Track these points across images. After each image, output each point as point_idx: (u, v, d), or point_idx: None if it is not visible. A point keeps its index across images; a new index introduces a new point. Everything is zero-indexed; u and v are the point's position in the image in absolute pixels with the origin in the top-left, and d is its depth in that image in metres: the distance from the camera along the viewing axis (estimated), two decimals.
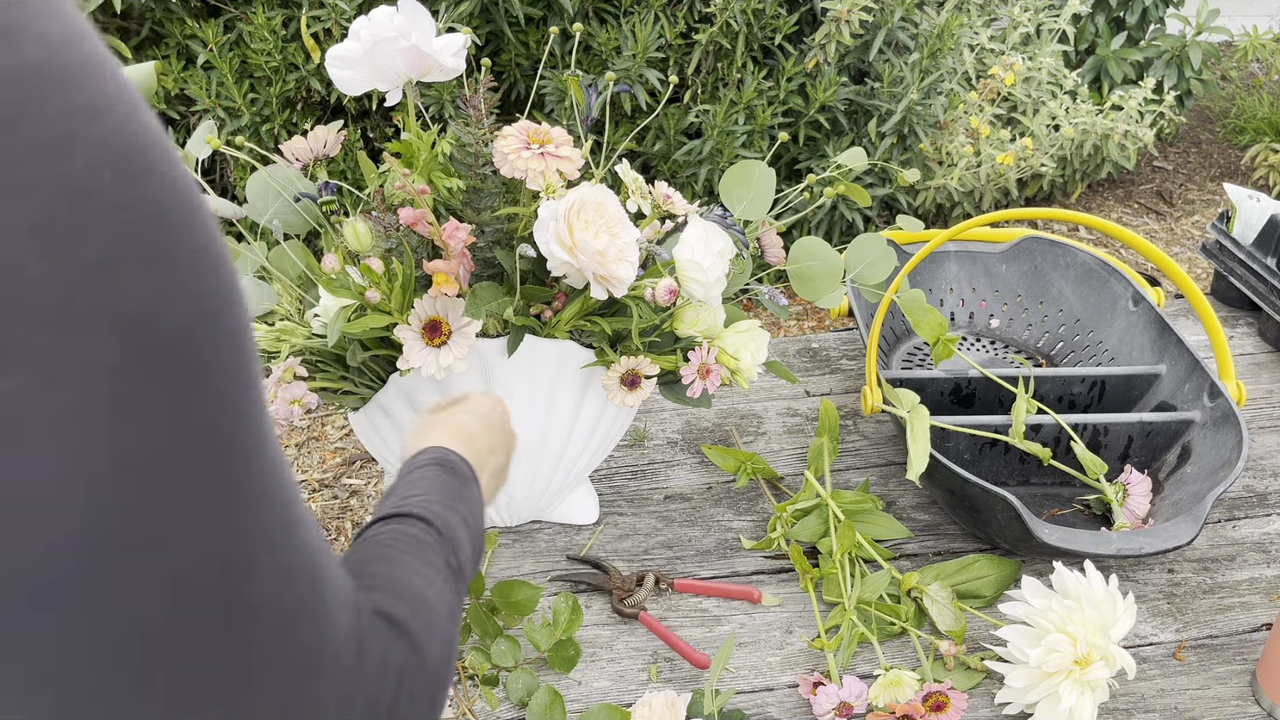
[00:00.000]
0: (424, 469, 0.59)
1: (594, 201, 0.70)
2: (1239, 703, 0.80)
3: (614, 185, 0.82)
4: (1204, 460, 0.92)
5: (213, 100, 1.72)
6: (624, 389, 0.78)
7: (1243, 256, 1.27)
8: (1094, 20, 2.73)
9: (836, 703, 0.77)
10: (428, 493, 0.56)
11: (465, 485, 0.60)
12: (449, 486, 0.58)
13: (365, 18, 0.70)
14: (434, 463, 0.60)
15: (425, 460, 0.60)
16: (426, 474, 0.58)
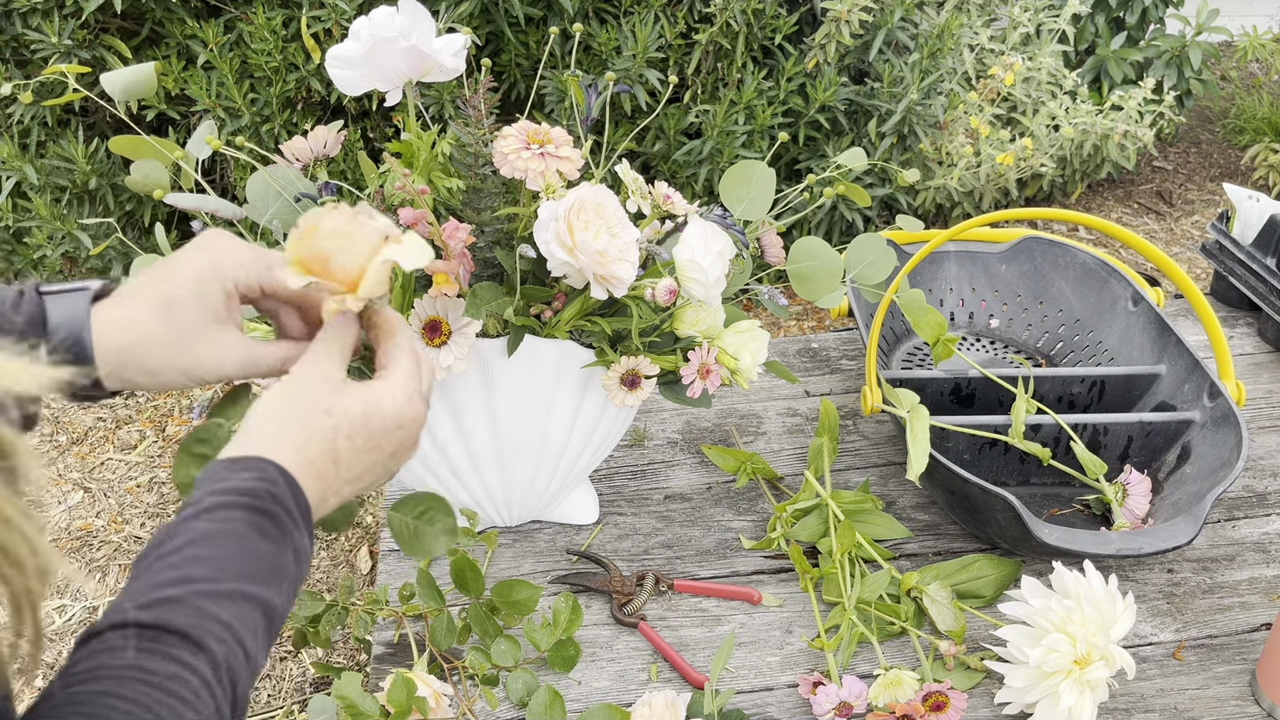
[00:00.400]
0: (225, 511, 0.44)
1: (594, 202, 0.70)
2: (1238, 703, 0.80)
3: (614, 185, 0.82)
4: (1203, 460, 0.92)
5: (213, 100, 1.72)
6: (624, 389, 0.78)
7: (1242, 256, 1.27)
8: (1094, 20, 2.73)
9: (836, 702, 0.77)
10: (214, 575, 0.42)
11: (280, 548, 0.45)
12: (252, 556, 0.43)
13: (365, 18, 0.70)
14: (243, 504, 0.45)
15: (231, 491, 0.45)
16: (223, 527, 0.43)
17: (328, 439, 0.50)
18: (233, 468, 0.47)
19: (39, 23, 1.67)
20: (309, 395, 0.51)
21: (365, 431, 0.51)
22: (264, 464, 0.47)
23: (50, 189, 1.80)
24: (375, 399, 0.51)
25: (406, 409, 0.52)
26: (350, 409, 0.50)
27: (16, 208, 1.80)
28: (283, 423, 0.50)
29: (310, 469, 0.49)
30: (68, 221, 1.79)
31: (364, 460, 0.51)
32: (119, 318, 0.51)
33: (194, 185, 0.80)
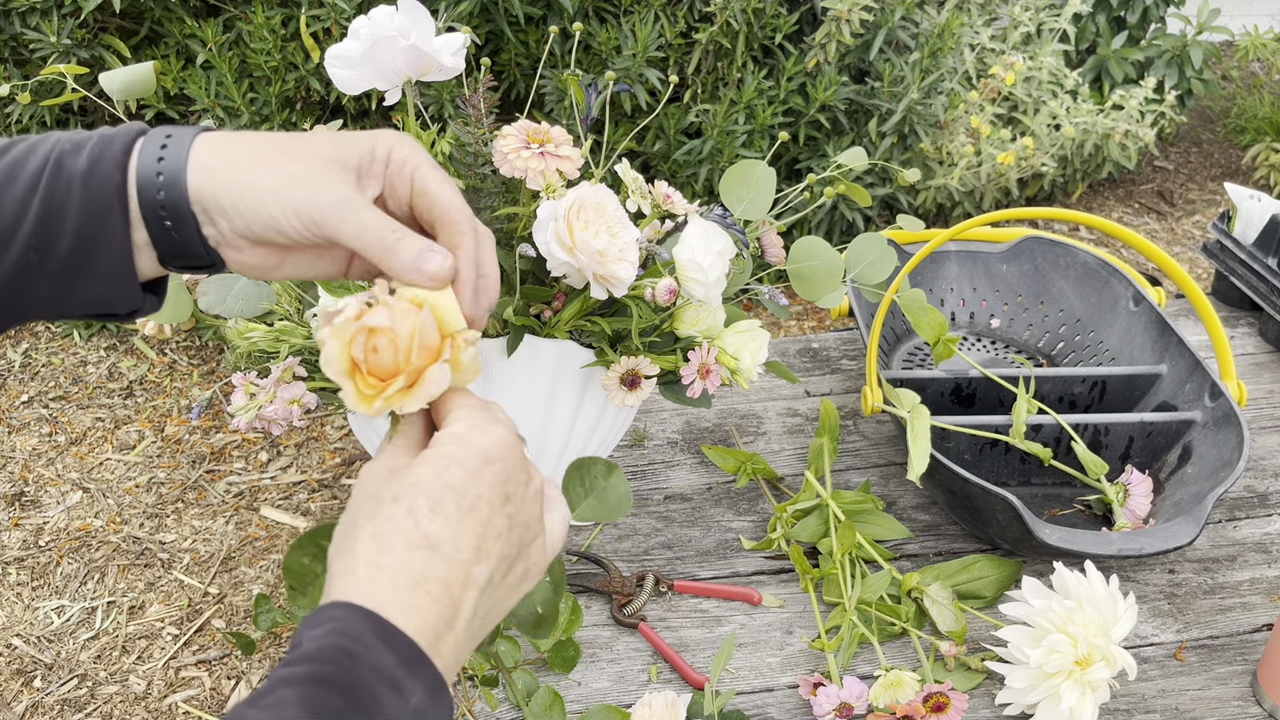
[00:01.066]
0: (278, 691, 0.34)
1: (594, 201, 0.70)
2: (1240, 703, 0.80)
3: (614, 185, 0.82)
4: (1205, 460, 0.92)
5: (212, 100, 1.72)
6: (624, 389, 0.78)
7: (1244, 256, 1.27)
8: (1095, 20, 2.72)
9: (837, 703, 0.77)
10: None
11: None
12: None
13: (364, 17, 0.70)
14: (301, 678, 0.34)
15: (296, 660, 0.35)
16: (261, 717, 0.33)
17: (406, 530, 0.38)
18: (310, 623, 0.37)
19: (38, 22, 1.66)
20: (372, 498, 0.40)
21: (449, 492, 0.39)
22: (341, 610, 0.36)
23: None
24: (439, 452, 0.40)
25: (479, 438, 0.41)
26: (419, 480, 0.39)
27: None
28: (352, 544, 0.39)
29: (401, 582, 0.37)
30: None
31: (471, 527, 0.39)
32: (234, 134, 0.44)
33: None
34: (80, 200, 0.41)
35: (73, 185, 0.41)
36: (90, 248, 0.42)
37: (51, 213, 0.41)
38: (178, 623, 1.50)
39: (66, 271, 0.43)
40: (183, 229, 0.43)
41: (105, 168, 0.42)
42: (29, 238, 0.42)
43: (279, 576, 1.56)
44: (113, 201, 0.42)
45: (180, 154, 0.42)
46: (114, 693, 1.39)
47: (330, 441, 1.82)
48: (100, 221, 0.42)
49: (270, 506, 1.69)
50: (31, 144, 0.43)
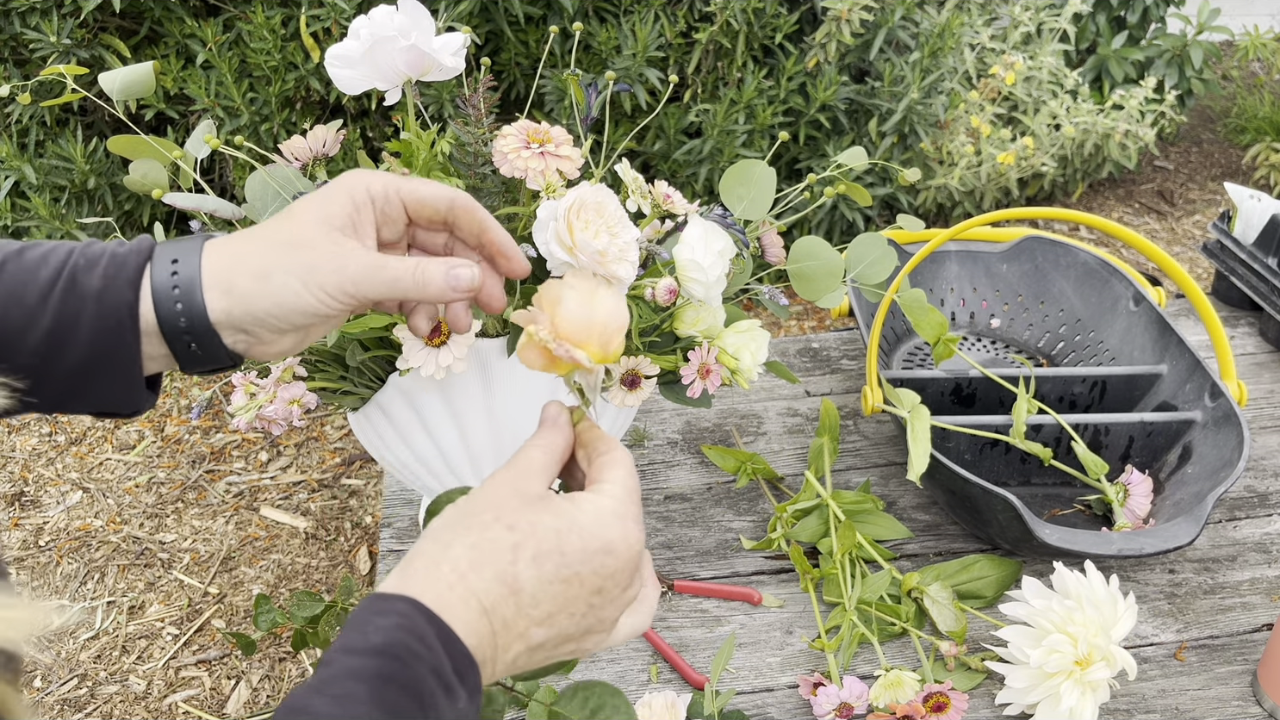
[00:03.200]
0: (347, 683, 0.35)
1: (594, 201, 0.70)
2: (1240, 703, 0.80)
3: (614, 185, 0.82)
4: (1205, 460, 0.92)
5: (212, 99, 1.72)
6: (624, 389, 0.78)
7: (1244, 256, 1.27)
8: (1095, 19, 2.72)
9: (837, 703, 0.77)
10: None
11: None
12: None
13: (364, 17, 0.70)
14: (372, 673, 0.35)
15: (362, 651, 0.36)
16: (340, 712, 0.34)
17: (505, 561, 0.39)
18: (375, 608, 0.37)
19: (38, 22, 1.66)
20: (492, 508, 0.40)
21: (558, 554, 0.39)
22: (407, 607, 0.37)
23: (49, 188, 1.79)
24: (575, 514, 0.40)
25: (616, 529, 0.41)
26: (541, 524, 0.40)
27: (15, 207, 1.79)
28: (449, 542, 0.39)
29: (473, 604, 0.38)
30: (66, 221, 1.78)
31: (556, 595, 0.39)
32: (232, 239, 0.46)
33: (193, 185, 0.79)
34: (93, 317, 0.43)
35: (85, 303, 0.43)
36: (100, 362, 0.44)
37: (63, 326, 0.43)
38: (178, 623, 1.50)
39: (74, 379, 0.45)
40: (208, 346, 0.45)
41: (118, 287, 0.43)
42: (38, 346, 0.43)
43: (279, 576, 1.56)
44: (125, 320, 0.44)
45: (193, 279, 0.44)
46: (114, 693, 1.39)
47: (330, 441, 1.82)
48: (113, 338, 0.44)
49: (270, 506, 1.69)
50: (44, 253, 0.45)
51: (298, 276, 0.44)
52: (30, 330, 0.43)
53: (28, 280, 0.43)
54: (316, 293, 0.44)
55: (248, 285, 0.44)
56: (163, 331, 0.44)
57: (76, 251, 0.45)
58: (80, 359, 0.44)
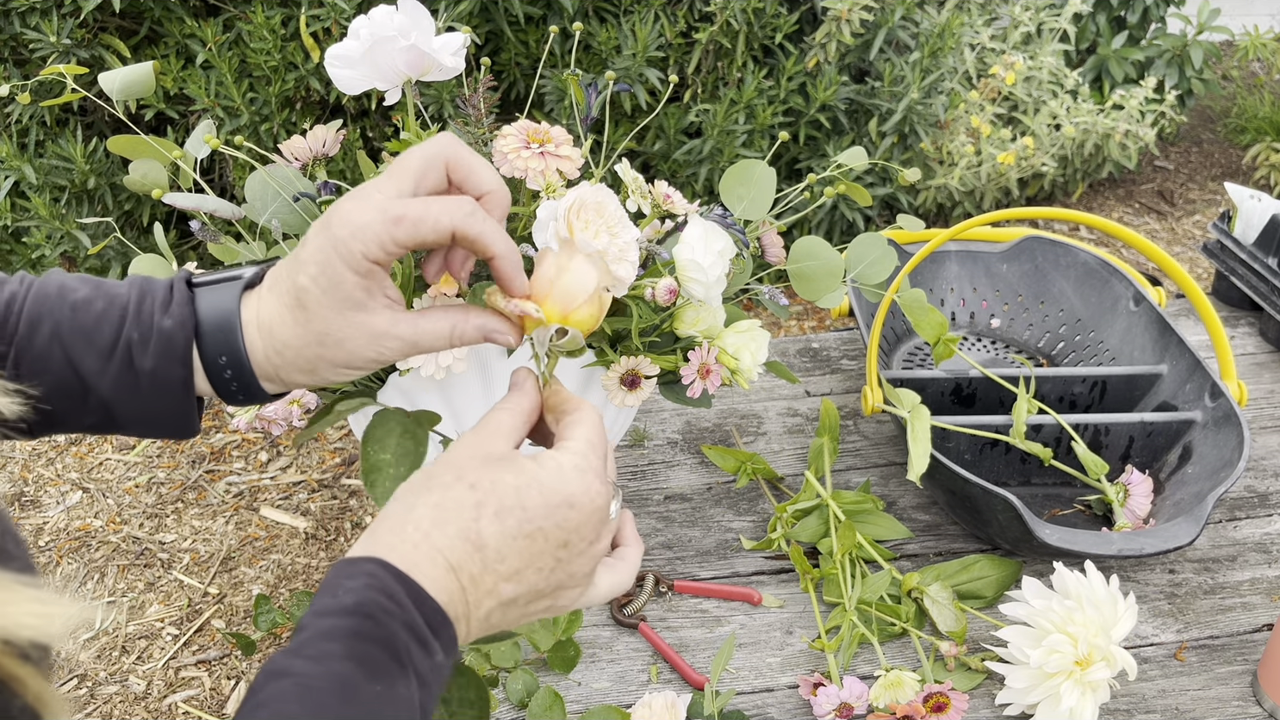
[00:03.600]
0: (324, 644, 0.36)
1: (594, 201, 0.70)
2: (1240, 703, 0.80)
3: (614, 185, 0.82)
4: (1205, 460, 0.92)
5: (211, 99, 1.72)
6: (624, 389, 0.78)
7: (1244, 256, 1.27)
8: (1095, 19, 2.72)
9: (837, 703, 0.77)
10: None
11: (394, 683, 0.36)
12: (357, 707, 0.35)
13: (364, 17, 0.70)
14: (346, 631, 0.36)
15: (335, 611, 0.37)
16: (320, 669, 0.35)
17: (468, 519, 0.40)
18: (345, 572, 0.39)
19: (37, 22, 1.66)
20: (454, 469, 0.42)
21: (519, 509, 0.41)
22: (376, 567, 0.38)
23: (49, 188, 1.79)
24: (536, 471, 0.42)
25: (576, 482, 0.42)
26: (501, 481, 0.41)
27: (15, 207, 1.79)
28: (413, 504, 0.41)
29: (439, 561, 0.39)
30: (66, 221, 1.78)
31: (520, 550, 0.41)
32: (263, 316, 0.48)
33: (192, 185, 0.79)
34: (149, 392, 0.48)
35: (140, 378, 0.47)
36: (157, 418, 0.49)
37: (121, 396, 0.48)
38: (177, 623, 1.49)
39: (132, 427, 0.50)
40: (253, 398, 0.50)
41: (170, 366, 0.47)
42: (96, 407, 0.48)
43: (279, 576, 1.56)
44: (178, 392, 0.48)
45: (244, 368, 0.48)
46: (114, 693, 1.39)
47: (330, 441, 1.82)
48: (168, 404, 0.48)
49: (270, 506, 1.69)
50: (96, 317, 0.48)
51: (341, 365, 0.48)
52: (89, 395, 0.47)
53: (86, 350, 0.47)
54: (359, 372, 0.49)
55: (296, 377, 0.49)
56: (218, 394, 0.49)
57: (129, 318, 0.47)
58: (136, 414, 0.48)
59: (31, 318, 0.47)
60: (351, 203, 0.46)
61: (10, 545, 0.34)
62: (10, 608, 0.28)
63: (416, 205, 0.46)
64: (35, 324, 0.47)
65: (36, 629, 0.29)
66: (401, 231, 0.45)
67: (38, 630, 0.29)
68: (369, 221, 0.45)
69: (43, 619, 0.29)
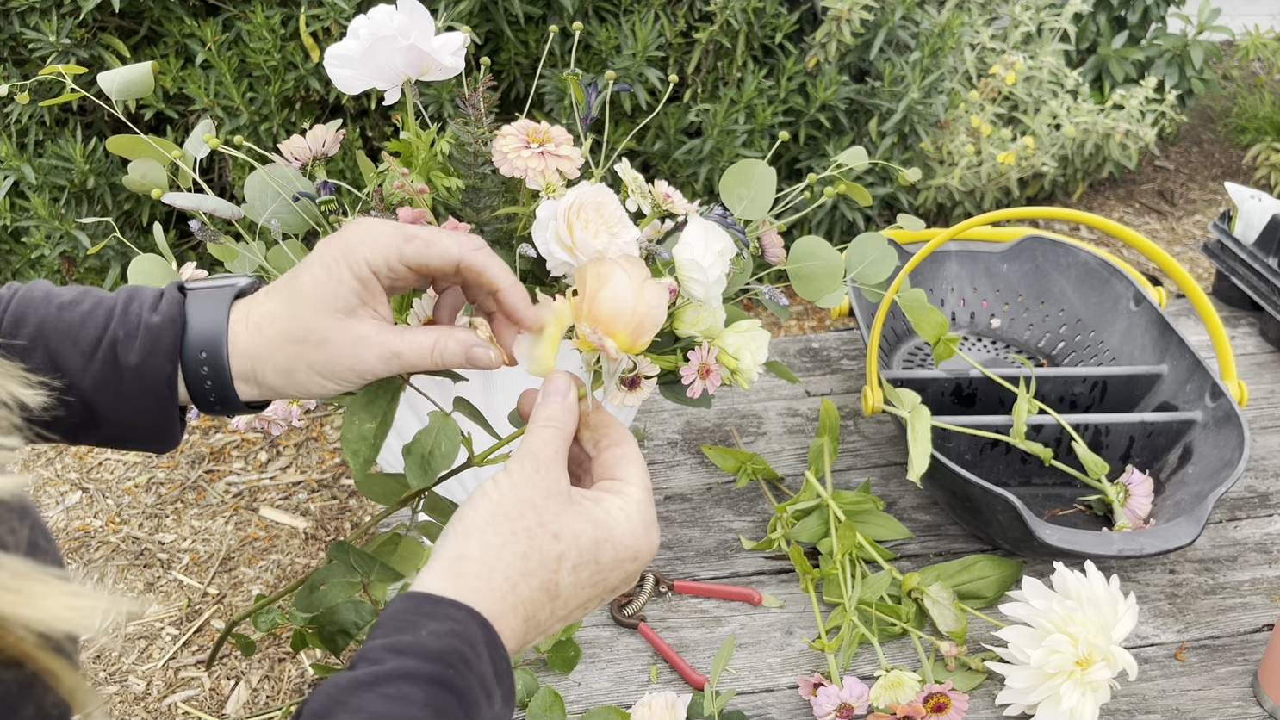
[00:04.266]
0: (403, 685, 0.36)
1: (593, 201, 0.70)
2: (1240, 704, 0.80)
3: (614, 184, 0.81)
4: (1206, 460, 0.92)
5: (211, 99, 1.72)
6: (624, 389, 0.78)
7: (1244, 256, 1.27)
8: (1095, 19, 2.72)
9: (837, 704, 0.77)
10: None
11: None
12: None
13: (364, 16, 0.70)
14: (426, 676, 0.36)
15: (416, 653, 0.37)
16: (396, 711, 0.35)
17: (550, 571, 0.41)
18: (425, 612, 0.38)
19: (37, 21, 1.66)
20: (533, 511, 0.42)
21: (594, 564, 0.42)
22: (463, 614, 0.38)
23: (48, 188, 1.79)
24: (610, 524, 0.43)
25: (644, 540, 0.44)
26: (581, 536, 0.42)
27: (14, 207, 1.79)
28: (500, 549, 0.41)
29: (520, 611, 0.40)
30: (66, 221, 1.78)
31: (583, 595, 0.43)
32: (254, 314, 0.48)
33: (192, 184, 0.79)
34: (134, 392, 0.48)
35: (124, 374, 0.48)
36: (140, 421, 0.49)
37: (105, 394, 0.48)
38: (177, 623, 1.49)
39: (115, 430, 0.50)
40: (226, 403, 0.50)
41: (156, 362, 0.48)
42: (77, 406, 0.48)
43: (279, 577, 1.56)
44: (164, 391, 0.48)
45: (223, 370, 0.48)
46: (113, 693, 1.39)
47: (330, 442, 1.82)
48: (152, 404, 0.48)
49: (270, 507, 1.69)
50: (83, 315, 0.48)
51: (319, 372, 0.48)
52: (69, 394, 0.47)
53: (70, 348, 0.47)
54: (337, 382, 0.49)
55: (274, 380, 0.49)
56: (193, 399, 0.50)
57: (116, 316, 0.48)
58: (119, 417, 0.48)
59: (16, 316, 0.48)
60: (369, 219, 0.49)
61: (40, 539, 0.34)
62: (45, 601, 0.28)
63: (428, 230, 0.48)
64: (19, 321, 0.47)
65: (72, 622, 0.29)
66: (411, 249, 0.47)
67: (73, 623, 0.29)
68: (384, 233, 0.48)
69: (78, 611, 0.29)
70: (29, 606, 0.28)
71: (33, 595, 0.28)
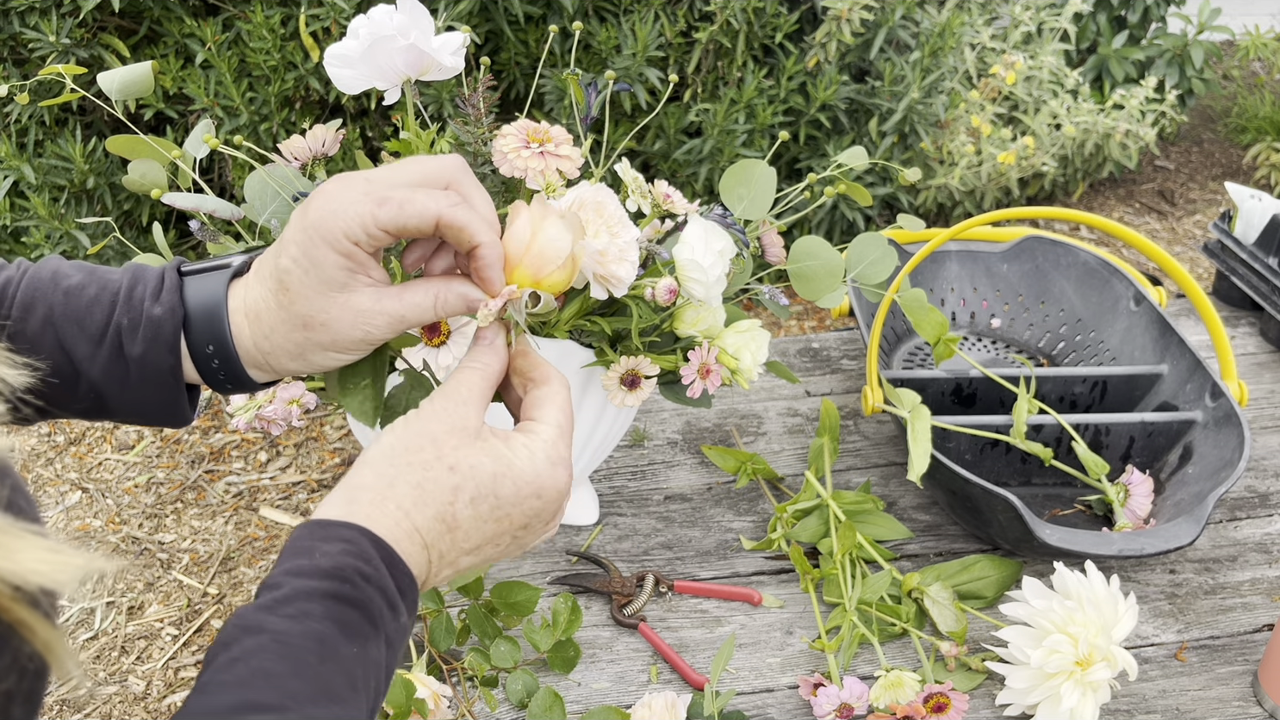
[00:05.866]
0: (303, 603, 0.37)
1: (594, 201, 0.70)
2: (1241, 704, 0.80)
3: (614, 184, 0.81)
4: (1206, 460, 0.92)
5: (211, 99, 1.72)
6: (624, 389, 0.78)
7: (1244, 256, 1.27)
8: (1095, 19, 2.72)
9: (837, 704, 0.77)
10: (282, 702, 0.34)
11: (367, 644, 0.38)
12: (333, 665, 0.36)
13: (364, 16, 0.70)
14: (325, 592, 0.38)
15: (313, 573, 0.38)
16: (299, 627, 0.36)
17: (445, 501, 0.42)
18: (320, 535, 0.40)
19: (36, 21, 1.66)
20: (432, 444, 0.43)
21: (492, 497, 0.43)
22: (355, 533, 0.40)
23: (48, 188, 1.79)
24: (511, 459, 0.44)
25: (547, 475, 0.44)
26: (479, 468, 0.43)
27: (14, 207, 1.79)
28: (393, 478, 0.42)
29: (416, 537, 0.42)
30: (65, 221, 1.78)
31: (486, 530, 0.44)
32: (249, 303, 0.48)
33: (192, 184, 0.79)
34: (139, 378, 0.48)
35: (130, 365, 0.48)
36: (148, 404, 0.49)
37: (111, 381, 0.48)
38: (177, 623, 1.49)
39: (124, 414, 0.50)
40: (241, 386, 0.50)
41: (159, 352, 0.48)
42: (87, 392, 0.48)
43: None
44: (168, 379, 0.48)
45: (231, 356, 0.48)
46: (113, 693, 1.39)
47: (329, 442, 1.82)
48: (158, 391, 0.49)
49: (269, 506, 1.69)
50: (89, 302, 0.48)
51: (328, 349, 0.48)
52: (80, 380, 0.48)
53: (78, 335, 0.47)
54: (350, 353, 0.49)
55: (285, 363, 0.49)
56: (206, 382, 0.50)
57: (120, 304, 0.48)
58: (129, 402, 0.49)
59: (25, 302, 0.48)
60: (335, 184, 0.46)
61: (21, 501, 0.35)
62: (20, 554, 0.29)
63: (403, 190, 0.46)
64: (29, 308, 0.48)
65: (46, 575, 0.29)
66: (385, 213, 0.45)
67: (47, 577, 0.29)
68: (352, 200, 0.45)
69: (52, 565, 0.29)
70: (3, 559, 0.29)
71: (8, 549, 0.29)
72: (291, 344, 0.47)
